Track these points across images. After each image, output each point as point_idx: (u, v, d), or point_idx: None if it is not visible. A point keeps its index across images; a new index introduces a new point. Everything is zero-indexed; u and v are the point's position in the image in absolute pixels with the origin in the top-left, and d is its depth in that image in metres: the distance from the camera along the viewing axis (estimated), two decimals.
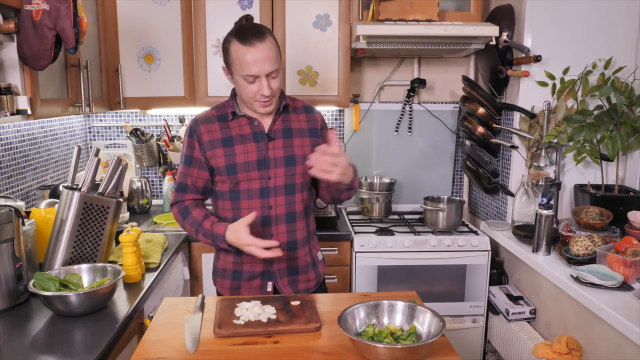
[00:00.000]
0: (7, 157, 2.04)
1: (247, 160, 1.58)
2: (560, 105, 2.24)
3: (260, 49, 1.47)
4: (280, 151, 1.60)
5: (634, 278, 1.74)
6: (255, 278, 1.65)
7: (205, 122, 1.61)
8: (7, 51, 1.58)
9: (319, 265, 1.75)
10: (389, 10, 2.41)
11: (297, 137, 1.63)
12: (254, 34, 1.48)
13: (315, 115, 1.70)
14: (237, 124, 1.61)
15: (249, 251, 1.46)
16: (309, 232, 1.71)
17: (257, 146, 1.59)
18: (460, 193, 3.00)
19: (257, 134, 1.60)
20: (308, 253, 1.70)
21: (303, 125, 1.66)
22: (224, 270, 1.68)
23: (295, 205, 1.64)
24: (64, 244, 1.60)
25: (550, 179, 2.27)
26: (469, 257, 2.41)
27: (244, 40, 1.48)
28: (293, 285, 1.67)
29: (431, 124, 2.88)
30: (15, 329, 1.34)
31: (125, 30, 2.35)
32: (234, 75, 1.54)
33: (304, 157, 1.61)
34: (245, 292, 1.67)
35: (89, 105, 1.99)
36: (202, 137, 1.59)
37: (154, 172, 2.91)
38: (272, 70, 1.50)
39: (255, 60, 1.47)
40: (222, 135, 1.59)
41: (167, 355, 1.19)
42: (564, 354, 1.79)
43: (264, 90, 1.50)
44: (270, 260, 1.62)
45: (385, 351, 1.11)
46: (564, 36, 2.28)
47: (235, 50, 1.49)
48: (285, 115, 1.64)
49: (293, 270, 1.67)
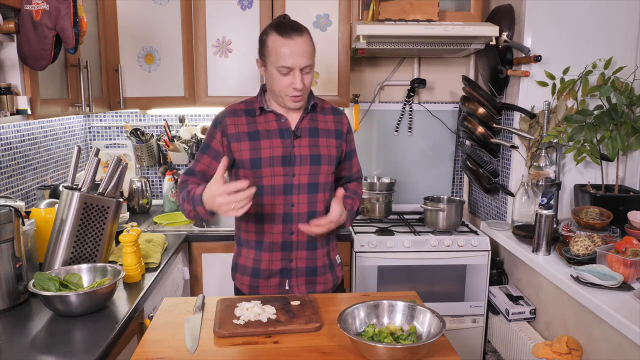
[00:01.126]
0: (7, 157, 2.04)
1: (272, 155, 1.58)
2: (560, 105, 2.24)
3: (298, 42, 1.49)
4: (306, 149, 1.61)
5: (634, 278, 1.74)
6: (273, 276, 1.66)
7: (232, 115, 1.62)
8: (7, 51, 1.58)
9: (337, 268, 1.75)
10: (389, 10, 2.41)
11: (323, 137, 1.64)
12: (293, 28, 1.51)
13: (342, 118, 1.72)
14: (264, 119, 1.61)
15: (220, 207, 1.36)
16: (329, 234, 1.71)
17: (282, 142, 1.59)
18: (460, 193, 3.00)
19: (283, 130, 1.60)
20: (326, 255, 1.70)
21: (330, 126, 1.67)
22: (245, 267, 1.68)
23: (317, 204, 1.64)
24: (64, 244, 1.60)
25: (550, 179, 2.27)
26: (469, 257, 2.41)
27: (283, 32, 1.50)
28: (310, 287, 1.68)
29: (431, 124, 2.88)
30: (15, 329, 1.34)
31: (125, 30, 2.35)
32: (268, 66, 1.55)
33: (329, 157, 1.63)
34: (263, 290, 1.67)
35: (89, 105, 1.99)
36: (227, 129, 1.59)
37: (154, 172, 2.91)
38: (306, 65, 1.51)
39: (291, 52, 1.49)
40: (249, 129, 1.60)
41: (167, 355, 1.19)
42: (564, 354, 1.79)
43: (296, 84, 1.51)
44: (290, 257, 1.64)
45: (385, 351, 1.11)
46: (564, 36, 2.28)
47: (272, 41, 1.51)
48: (312, 115, 1.65)
49: (311, 271, 1.67)
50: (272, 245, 1.63)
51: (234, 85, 2.50)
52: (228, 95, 2.50)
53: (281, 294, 1.65)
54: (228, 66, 2.49)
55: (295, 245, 1.63)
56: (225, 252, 2.35)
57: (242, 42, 2.47)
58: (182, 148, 2.78)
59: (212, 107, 2.58)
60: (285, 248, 1.63)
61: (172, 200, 2.72)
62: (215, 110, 2.83)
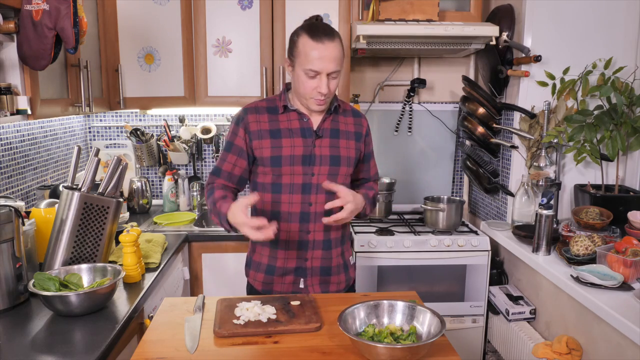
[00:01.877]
0: (7, 157, 2.04)
1: (293, 154, 1.58)
2: (560, 105, 2.24)
3: (328, 47, 1.49)
4: (326, 150, 1.61)
5: (634, 278, 1.74)
6: (288, 274, 1.66)
7: (254, 112, 1.62)
8: (7, 51, 1.58)
9: (350, 269, 1.76)
10: (389, 10, 2.41)
11: (343, 138, 1.65)
12: (325, 32, 1.51)
13: (362, 121, 1.73)
14: (286, 117, 1.62)
15: (243, 232, 1.44)
16: (344, 235, 1.72)
17: (303, 142, 1.60)
18: (460, 193, 3.00)
19: (305, 130, 1.61)
20: (340, 255, 1.71)
21: (350, 128, 1.68)
22: (259, 264, 1.68)
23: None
24: (64, 244, 1.60)
25: (550, 179, 2.27)
26: (469, 257, 2.41)
27: (314, 35, 1.50)
28: (324, 286, 1.68)
29: (431, 124, 2.88)
30: (15, 329, 1.34)
31: (125, 30, 2.35)
32: (296, 67, 1.55)
33: (348, 159, 1.64)
34: (278, 287, 1.67)
35: (89, 105, 1.99)
36: (249, 126, 1.60)
37: (154, 172, 2.91)
38: (334, 71, 1.52)
39: (321, 56, 1.49)
40: (270, 127, 1.60)
41: (167, 355, 1.19)
42: (564, 354, 1.79)
43: (322, 88, 1.51)
44: (305, 257, 1.64)
45: (385, 351, 1.11)
46: (564, 36, 2.28)
47: (303, 43, 1.51)
48: (334, 116, 1.66)
49: (326, 270, 1.67)
50: (287, 244, 1.63)
51: (234, 85, 2.50)
52: (228, 95, 2.50)
53: (295, 292, 1.66)
54: (228, 66, 2.49)
55: (311, 244, 1.64)
56: (226, 252, 2.35)
57: (242, 42, 2.47)
58: (182, 148, 2.78)
59: (212, 107, 2.58)
60: (301, 247, 1.64)
61: (171, 200, 2.73)
62: (215, 110, 2.83)
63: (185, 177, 2.77)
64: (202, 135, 2.78)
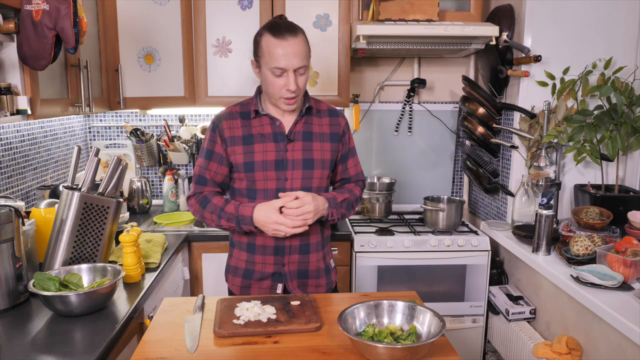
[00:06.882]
0: (7, 157, 2.04)
1: (265, 159, 1.58)
2: (560, 105, 2.24)
3: (291, 43, 1.48)
4: (299, 153, 1.60)
5: (634, 278, 1.74)
6: (265, 279, 1.65)
7: (228, 118, 1.61)
8: (7, 51, 1.58)
9: (332, 273, 1.75)
10: (389, 10, 2.41)
11: (317, 141, 1.63)
12: (287, 29, 1.50)
13: (339, 120, 1.69)
14: (259, 122, 1.61)
15: (275, 229, 1.49)
16: (323, 238, 1.70)
17: (276, 146, 1.58)
18: (460, 193, 3.00)
19: (277, 134, 1.60)
20: (322, 259, 1.70)
21: (325, 130, 1.65)
22: (236, 268, 1.68)
23: None
24: (64, 244, 1.60)
25: (550, 179, 2.27)
26: (469, 257, 2.41)
27: (276, 33, 1.49)
28: (302, 289, 1.68)
29: (431, 124, 2.88)
30: (15, 329, 1.34)
31: (125, 30, 2.35)
32: (262, 68, 1.54)
33: (322, 161, 1.62)
34: (255, 291, 1.67)
35: (89, 105, 1.99)
36: (223, 133, 1.59)
37: (154, 172, 2.91)
38: (300, 66, 1.50)
39: (285, 53, 1.48)
40: (243, 133, 1.59)
41: (167, 355, 1.19)
42: (564, 354, 1.79)
43: (290, 85, 1.50)
44: (282, 262, 1.63)
45: (385, 351, 1.11)
46: (564, 36, 2.28)
47: (266, 42, 1.50)
48: (307, 118, 1.64)
49: (303, 273, 1.67)
50: (264, 249, 1.63)
51: (233, 85, 2.50)
52: (228, 95, 2.50)
53: (272, 295, 1.64)
54: (228, 66, 2.49)
55: (287, 249, 1.63)
56: (226, 252, 2.35)
57: (242, 42, 2.47)
58: (182, 148, 2.78)
59: (212, 107, 2.58)
60: (278, 252, 1.63)
61: (171, 200, 2.73)
62: (215, 110, 2.83)
63: (185, 177, 2.77)
64: (202, 135, 2.78)
